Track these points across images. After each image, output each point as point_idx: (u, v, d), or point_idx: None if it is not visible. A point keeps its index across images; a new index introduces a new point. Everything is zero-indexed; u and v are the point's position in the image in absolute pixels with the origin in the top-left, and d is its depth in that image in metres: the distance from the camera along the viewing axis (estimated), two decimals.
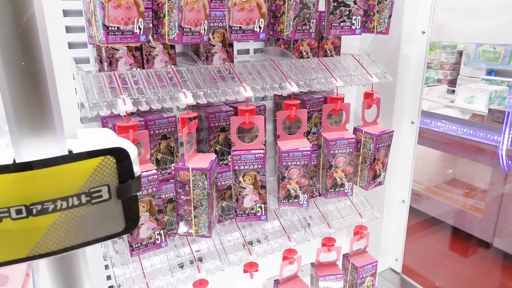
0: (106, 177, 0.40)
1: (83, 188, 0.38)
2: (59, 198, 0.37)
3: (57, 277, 0.46)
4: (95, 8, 0.71)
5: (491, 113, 3.29)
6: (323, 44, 1.20)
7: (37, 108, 0.39)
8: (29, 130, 0.38)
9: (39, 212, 0.37)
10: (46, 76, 0.40)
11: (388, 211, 1.51)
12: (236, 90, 0.95)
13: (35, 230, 0.37)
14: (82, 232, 0.40)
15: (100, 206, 0.40)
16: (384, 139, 1.15)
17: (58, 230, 0.38)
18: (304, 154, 1.01)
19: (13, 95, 0.38)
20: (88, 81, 0.84)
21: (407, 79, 1.35)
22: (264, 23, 0.88)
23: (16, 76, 0.38)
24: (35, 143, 0.39)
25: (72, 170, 0.38)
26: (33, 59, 0.39)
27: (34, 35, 0.39)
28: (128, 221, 0.43)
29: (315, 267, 1.27)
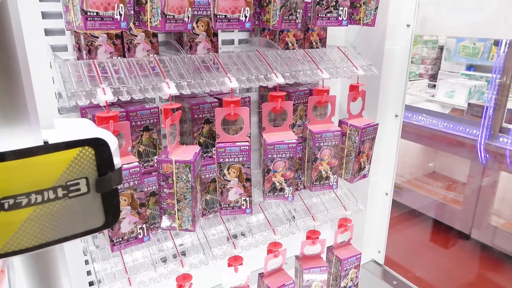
0: (84, 169, 0.38)
1: (59, 181, 0.37)
2: (34, 191, 0.36)
3: (32, 274, 0.44)
4: None
5: (470, 108, 3.35)
6: (309, 35, 1.19)
7: (9, 97, 0.37)
8: (1, 119, 0.36)
9: (12, 206, 0.35)
10: (19, 64, 0.38)
11: (372, 204, 1.52)
12: (221, 81, 0.92)
13: (7, 226, 0.35)
14: (59, 228, 0.38)
15: (78, 199, 0.38)
16: (369, 132, 1.15)
17: (33, 225, 0.37)
18: (289, 147, 1.00)
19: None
20: (65, 69, 0.80)
21: (391, 72, 1.36)
22: (250, 12, 0.86)
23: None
24: (7, 133, 0.37)
25: (47, 162, 0.36)
26: (4, 46, 0.37)
27: (5, 21, 0.37)
28: (108, 216, 0.41)
29: (300, 259, 1.27)
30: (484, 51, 3.96)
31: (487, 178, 3.03)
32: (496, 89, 2.95)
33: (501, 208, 3.05)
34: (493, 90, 2.97)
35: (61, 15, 0.99)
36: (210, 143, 1.09)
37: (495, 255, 2.85)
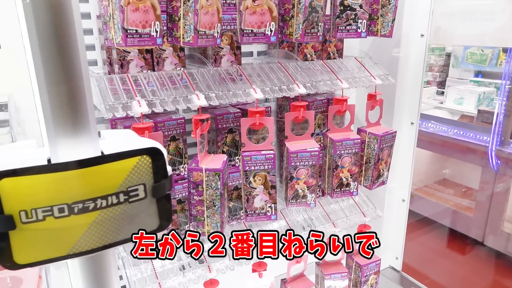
0: (143, 176, 0.40)
1: (121, 187, 0.39)
2: (99, 197, 0.38)
3: (88, 275, 0.46)
4: (113, 11, 0.72)
5: (480, 114, 3.36)
6: (327, 46, 1.23)
7: (74, 110, 0.39)
8: (66, 131, 0.39)
9: (80, 210, 0.37)
10: (82, 78, 0.40)
11: (389, 210, 1.54)
12: (247, 92, 0.96)
13: (76, 228, 0.38)
14: (120, 230, 0.41)
15: (137, 204, 0.41)
16: (388, 139, 1.18)
17: (98, 228, 0.39)
18: (312, 155, 1.03)
19: (51, 97, 0.38)
20: (102, 83, 0.85)
21: (406, 81, 1.39)
22: (275, 26, 0.90)
23: (55, 78, 0.38)
24: (71, 144, 0.39)
25: (111, 169, 0.39)
26: (71, 61, 0.39)
27: (71, 36, 0.39)
28: (162, 219, 0.44)
29: (320, 266, 1.29)
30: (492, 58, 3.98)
31: (499, 184, 3.02)
32: (506, 96, 2.96)
33: None
34: (503, 96, 2.98)
35: (91, 31, 1.04)
36: (233, 152, 1.13)
37: (509, 262, 2.83)
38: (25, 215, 0.35)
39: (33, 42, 0.37)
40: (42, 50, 0.37)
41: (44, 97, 0.38)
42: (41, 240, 0.37)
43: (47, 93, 0.38)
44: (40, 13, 0.36)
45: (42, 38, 0.37)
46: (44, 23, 0.37)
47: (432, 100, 4.15)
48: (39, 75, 0.38)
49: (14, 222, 0.35)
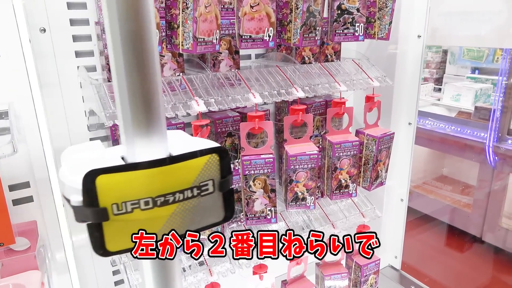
0: (212, 172, 0.44)
1: (195, 182, 0.43)
2: (178, 191, 0.42)
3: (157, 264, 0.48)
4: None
5: (477, 111, 3.37)
6: (324, 49, 1.24)
7: (149, 113, 0.41)
8: (142, 132, 0.42)
9: (162, 203, 0.41)
10: (157, 80, 0.42)
11: (387, 210, 1.56)
12: (246, 97, 0.97)
13: (158, 219, 0.42)
14: (193, 221, 0.45)
15: (207, 198, 0.45)
16: (386, 141, 1.19)
17: (175, 219, 0.43)
18: (311, 158, 1.04)
19: (131, 100, 0.41)
20: (102, 90, 0.85)
21: (404, 82, 1.40)
22: (273, 32, 0.91)
23: (135, 81, 0.40)
24: (146, 144, 0.42)
25: (188, 166, 0.43)
26: (148, 66, 0.41)
27: (150, 42, 0.40)
28: (227, 211, 0.48)
29: (320, 266, 1.31)
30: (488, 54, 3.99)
31: (496, 180, 3.04)
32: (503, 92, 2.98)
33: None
34: (500, 92, 2.99)
35: (89, 37, 1.04)
36: (233, 156, 1.13)
37: (508, 257, 2.86)
38: (117, 208, 0.40)
39: (115, 48, 0.39)
40: (124, 55, 0.39)
41: (124, 102, 0.40)
42: (128, 230, 0.41)
43: (128, 98, 0.40)
44: (124, 21, 0.38)
45: (125, 45, 0.39)
46: (127, 29, 0.39)
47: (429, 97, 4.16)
48: (120, 81, 0.40)
49: (108, 214, 0.39)
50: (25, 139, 1.02)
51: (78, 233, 1.15)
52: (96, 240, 0.40)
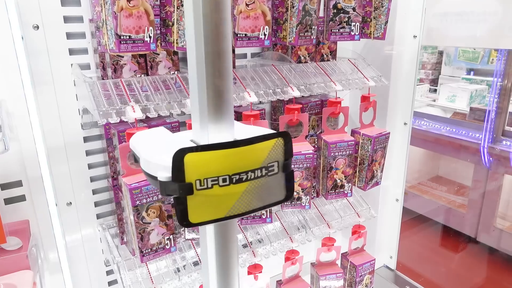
0: (277, 155, 0.49)
1: (264, 163, 0.47)
2: (250, 170, 0.46)
3: (219, 239, 0.52)
4: (106, 17, 0.71)
5: (472, 112, 3.39)
6: (320, 48, 1.23)
7: (222, 101, 0.47)
8: (215, 118, 0.47)
9: (237, 181, 0.46)
10: (229, 75, 0.48)
11: (383, 210, 1.56)
12: (241, 96, 0.96)
13: (233, 195, 0.46)
14: (260, 198, 0.49)
15: (272, 178, 0.49)
16: (381, 140, 1.18)
17: (247, 196, 0.47)
18: (306, 157, 1.04)
19: (209, 91, 0.46)
20: (95, 88, 0.84)
21: (399, 82, 1.40)
22: (269, 30, 0.90)
23: (211, 72, 0.46)
24: (217, 129, 0.48)
25: (259, 148, 0.47)
26: (225, 61, 0.46)
27: (227, 37, 0.46)
28: (288, 191, 0.51)
29: (315, 266, 1.30)
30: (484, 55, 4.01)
31: (491, 181, 3.05)
32: (497, 93, 2.99)
33: (506, 211, 3.08)
34: (495, 93, 3.01)
35: (83, 35, 1.03)
36: None
37: (502, 258, 2.87)
38: (199, 183, 0.44)
39: (198, 48, 0.45)
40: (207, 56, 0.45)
41: (202, 93, 0.46)
42: (208, 204, 0.45)
43: (206, 89, 0.46)
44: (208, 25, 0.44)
45: (207, 46, 0.45)
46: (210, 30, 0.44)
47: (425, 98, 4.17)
48: (199, 76, 0.46)
49: (192, 189, 0.43)
50: (18, 137, 1.01)
51: (71, 233, 1.14)
52: (182, 213, 0.44)
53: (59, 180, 1.08)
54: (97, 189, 1.14)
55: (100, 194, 1.15)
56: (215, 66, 0.46)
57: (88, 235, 1.16)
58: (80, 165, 1.10)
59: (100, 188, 1.15)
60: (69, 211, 1.11)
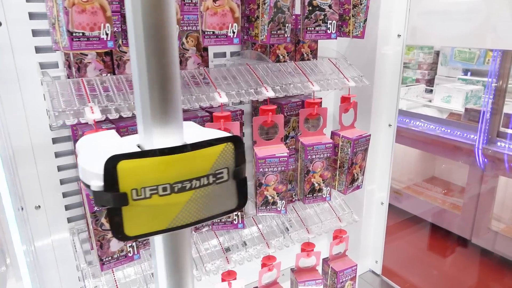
0: (227, 160, 0.45)
1: (211, 170, 0.44)
2: (194, 178, 0.43)
3: (169, 252, 0.49)
4: (58, 13, 0.67)
5: (467, 113, 3.35)
6: (300, 47, 1.19)
7: (167, 101, 0.43)
8: (160, 120, 0.43)
9: (180, 190, 0.43)
10: (175, 72, 0.43)
11: (367, 213, 1.52)
12: (211, 96, 0.92)
13: (175, 206, 0.43)
14: (208, 208, 0.46)
15: (222, 185, 0.46)
16: (361, 143, 1.14)
17: (192, 205, 0.44)
18: (281, 160, 1.00)
19: (150, 90, 0.42)
20: (54, 88, 0.80)
21: (383, 82, 1.36)
22: (238, 28, 0.86)
23: (154, 71, 0.41)
24: (163, 133, 0.44)
25: (205, 154, 0.44)
26: (167, 57, 0.42)
27: (170, 33, 0.42)
28: (240, 199, 0.48)
29: (295, 272, 1.26)
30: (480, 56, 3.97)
31: (486, 183, 3.02)
32: (492, 94, 2.95)
33: (501, 213, 3.04)
34: (490, 94, 2.97)
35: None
36: None
37: (496, 260, 2.83)
38: (136, 193, 0.41)
39: (137, 39, 0.40)
40: (146, 47, 0.40)
41: (143, 92, 0.41)
42: (147, 215, 0.42)
43: (147, 88, 0.42)
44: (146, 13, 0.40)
45: (146, 37, 0.40)
46: (149, 20, 0.40)
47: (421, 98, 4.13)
48: (140, 71, 0.41)
49: (127, 199, 0.40)
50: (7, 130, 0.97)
51: (41, 237, 1.10)
52: (116, 225, 0.41)
53: (26, 183, 1.04)
54: (67, 192, 1.10)
55: (71, 197, 1.11)
56: (157, 64, 0.42)
57: (59, 239, 1.12)
58: (49, 167, 1.06)
59: (71, 191, 1.11)
60: (38, 215, 1.08)
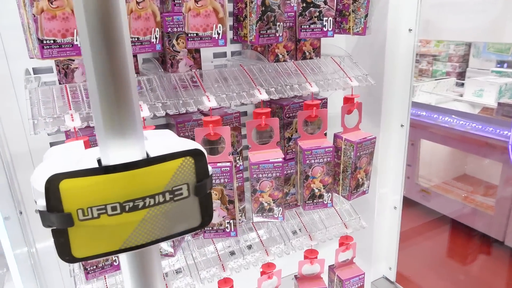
0: (186, 176, 0.42)
1: (167, 186, 0.42)
2: (148, 196, 0.41)
3: (136, 270, 0.47)
4: (28, 20, 0.66)
5: (500, 107, 3.16)
6: (301, 45, 1.14)
7: (122, 114, 0.40)
8: (115, 134, 0.40)
9: (131, 208, 0.40)
10: (130, 80, 0.40)
11: (380, 218, 1.44)
12: (199, 100, 0.89)
13: (127, 225, 0.41)
14: (166, 227, 0.43)
15: (181, 203, 0.43)
16: (366, 146, 1.08)
17: (146, 225, 0.42)
18: (275, 166, 0.95)
19: (102, 100, 0.39)
20: (35, 95, 0.79)
21: (394, 80, 1.28)
22: (223, 29, 0.82)
23: (105, 81, 0.39)
24: (120, 146, 0.41)
25: (158, 170, 0.41)
26: (120, 64, 0.39)
27: (119, 38, 0.38)
28: (204, 216, 0.46)
29: (298, 280, 1.22)
30: None
31: None
32: None
33: None
34: None
35: None
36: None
37: None
38: (82, 213, 0.38)
39: (84, 44, 0.38)
40: (93, 54, 0.37)
41: (95, 102, 0.39)
42: (96, 236, 0.40)
43: (98, 96, 0.39)
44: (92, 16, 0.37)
45: (93, 40, 0.37)
46: (94, 22, 0.37)
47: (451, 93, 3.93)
48: (90, 80, 0.38)
49: (73, 220, 0.38)
50: (4, 133, 0.99)
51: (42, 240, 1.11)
52: (61, 246, 0.39)
53: (25, 187, 1.05)
54: None
55: None
56: (104, 70, 0.38)
57: None
58: None
59: None
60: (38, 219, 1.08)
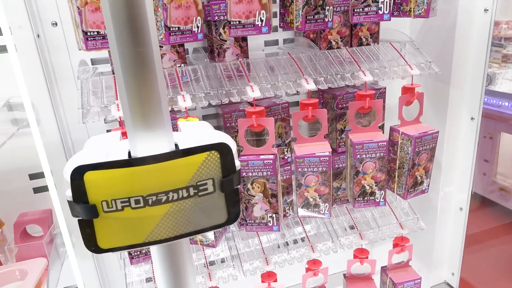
0: (211, 171, 0.42)
1: (191, 181, 0.41)
2: (171, 190, 0.41)
3: (166, 263, 0.47)
4: (74, 14, 0.68)
5: None
6: (357, 31, 1.05)
7: (151, 105, 0.40)
8: (143, 125, 0.41)
9: (154, 202, 0.40)
10: (156, 73, 0.40)
11: (443, 219, 1.32)
12: (243, 91, 0.87)
13: (151, 219, 0.41)
14: (190, 222, 0.43)
15: (206, 198, 0.43)
16: (426, 141, 0.98)
17: (170, 219, 0.42)
18: (321, 160, 0.90)
19: (130, 93, 0.39)
20: (86, 86, 0.83)
21: (465, 68, 1.14)
22: (266, 15, 0.78)
23: (131, 75, 0.39)
24: (148, 138, 0.41)
25: (182, 164, 0.41)
26: (146, 58, 0.39)
27: (147, 31, 0.39)
28: (230, 213, 0.45)
29: (347, 279, 1.16)
30: None
31: None
32: None
33: None
34: None
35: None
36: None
37: None
38: (106, 205, 0.39)
39: (111, 38, 0.38)
40: (119, 47, 0.37)
41: (122, 95, 0.39)
42: (121, 228, 0.41)
43: (126, 90, 0.39)
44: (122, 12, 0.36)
45: (119, 33, 0.37)
46: (120, 15, 0.37)
47: None
48: (117, 73, 0.38)
49: (97, 211, 0.39)
50: (44, 130, 1.06)
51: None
52: (88, 236, 0.40)
53: None
54: None
55: None
56: (130, 63, 0.38)
57: None
58: None
59: None
60: None
